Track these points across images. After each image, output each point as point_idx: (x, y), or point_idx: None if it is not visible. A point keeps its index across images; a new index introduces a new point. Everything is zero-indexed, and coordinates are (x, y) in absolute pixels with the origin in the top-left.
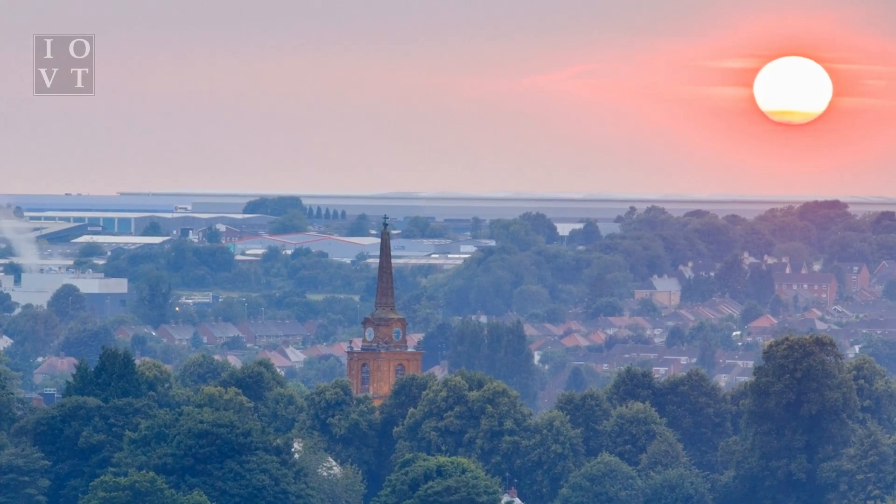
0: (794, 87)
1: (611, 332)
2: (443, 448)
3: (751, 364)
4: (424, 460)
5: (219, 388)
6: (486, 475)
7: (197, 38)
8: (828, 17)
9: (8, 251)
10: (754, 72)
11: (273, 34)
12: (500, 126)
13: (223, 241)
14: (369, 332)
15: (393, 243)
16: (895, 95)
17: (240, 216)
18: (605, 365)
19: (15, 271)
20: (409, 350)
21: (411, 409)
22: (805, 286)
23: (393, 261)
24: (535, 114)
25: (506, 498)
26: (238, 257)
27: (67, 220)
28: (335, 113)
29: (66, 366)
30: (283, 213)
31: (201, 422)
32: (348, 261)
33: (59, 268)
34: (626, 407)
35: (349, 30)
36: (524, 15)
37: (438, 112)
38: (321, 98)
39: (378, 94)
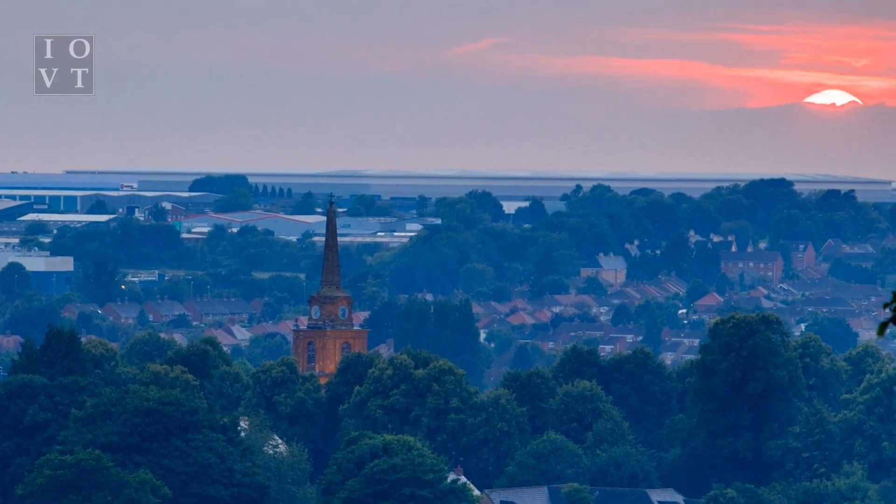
0: None
1: (557, 310)
2: (389, 426)
3: (697, 342)
4: (370, 438)
5: (165, 366)
6: (432, 453)
7: (137, 12)
8: None
9: None
10: (700, 46)
11: (216, 12)
12: (444, 102)
13: (169, 220)
14: (315, 311)
15: (339, 221)
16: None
17: (185, 194)
18: (551, 343)
19: None
20: (355, 328)
21: (357, 388)
22: (751, 264)
23: (339, 239)
24: (479, 90)
25: (452, 476)
26: (184, 235)
27: (13, 198)
28: (281, 91)
29: (11, 344)
30: (228, 191)
31: (147, 400)
32: (294, 239)
33: (5, 246)
34: (572, 385)
35: (292, 7)
36: None
37: (384, 89)
38: (266, 76)
39: (324, 72)
